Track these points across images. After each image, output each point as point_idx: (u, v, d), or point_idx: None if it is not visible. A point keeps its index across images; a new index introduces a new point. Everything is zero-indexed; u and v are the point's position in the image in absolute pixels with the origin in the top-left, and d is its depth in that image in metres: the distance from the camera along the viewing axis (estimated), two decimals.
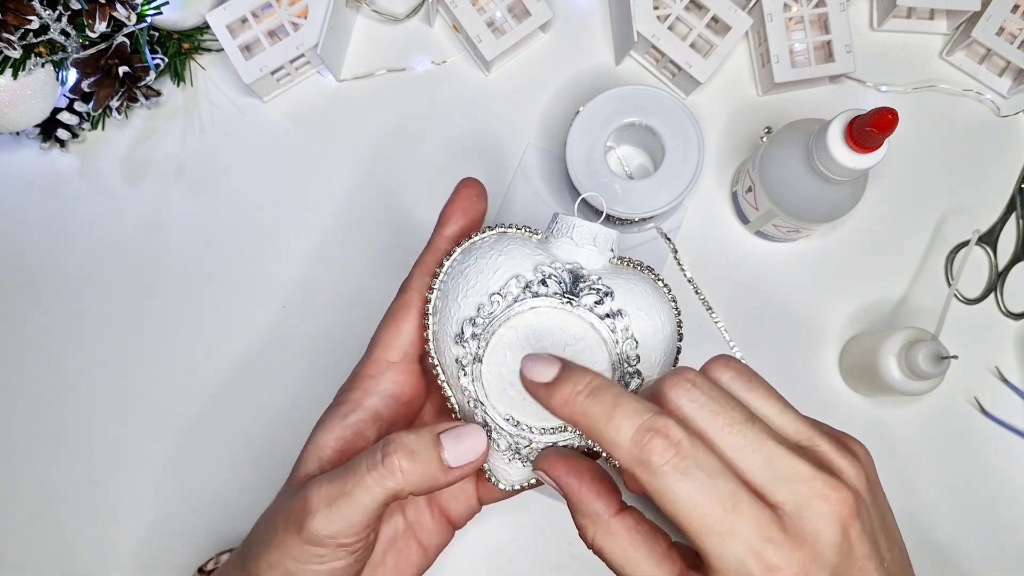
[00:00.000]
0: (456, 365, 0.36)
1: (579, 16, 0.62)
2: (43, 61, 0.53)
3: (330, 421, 0.38)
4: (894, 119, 0.43)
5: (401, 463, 0.33)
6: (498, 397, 0.36)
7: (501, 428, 0.36)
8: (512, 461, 0.37)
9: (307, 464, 0.37)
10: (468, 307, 0.36)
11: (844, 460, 0.29)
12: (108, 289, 0.60)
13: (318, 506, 0.33)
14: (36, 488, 0.58)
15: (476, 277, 0.36)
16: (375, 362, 0.38)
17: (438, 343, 0.37)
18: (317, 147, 0.61)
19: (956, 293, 0.58)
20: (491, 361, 0.36)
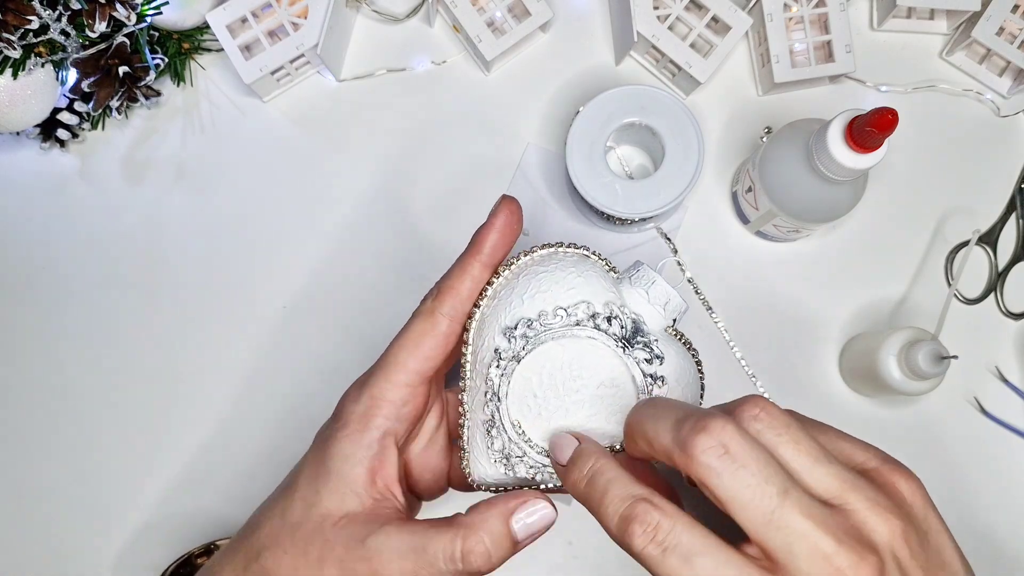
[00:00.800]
0: (492, 354, 0.36)
1: (579, 16, 0.62)
2: (43, 61, 0.53)
3: (356, 452, 0.37)
4: (894, 119, 0.43)
5: (480, 565, 0.34)
6: (516, 401, 0.36)
7: (504, 430, 0.36)
8: (496, 463, 0.37)
9: (345, 501, 0.36)
10: (531, 308, 0.36)
11: (878, 518, 0.29)
12: (108, 289, 0.60)
13: (391, 574, 0.34)
14: (36, 486, 0.58)
15: (550, 285, 0.36)
16: (395, 385, 0.38)
17: (483, 326, 0.37)
18: (317, 147, 0.61)
19: (956, 293, 0.58)
20: (528, 366, 0.36)
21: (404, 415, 0.38)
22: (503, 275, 0.38)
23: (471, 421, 0.38)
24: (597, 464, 0.32)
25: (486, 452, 0.37)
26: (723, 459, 0.28)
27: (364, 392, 0.38)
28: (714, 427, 0.28)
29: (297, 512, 0.37)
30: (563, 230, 0.60)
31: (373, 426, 0.37)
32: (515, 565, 0.57)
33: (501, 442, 0.36)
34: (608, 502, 0.30)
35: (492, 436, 0.37)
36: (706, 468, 0.28)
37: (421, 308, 0.39)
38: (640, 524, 0.28)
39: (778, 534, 0.27)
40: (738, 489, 0.27)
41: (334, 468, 0.37)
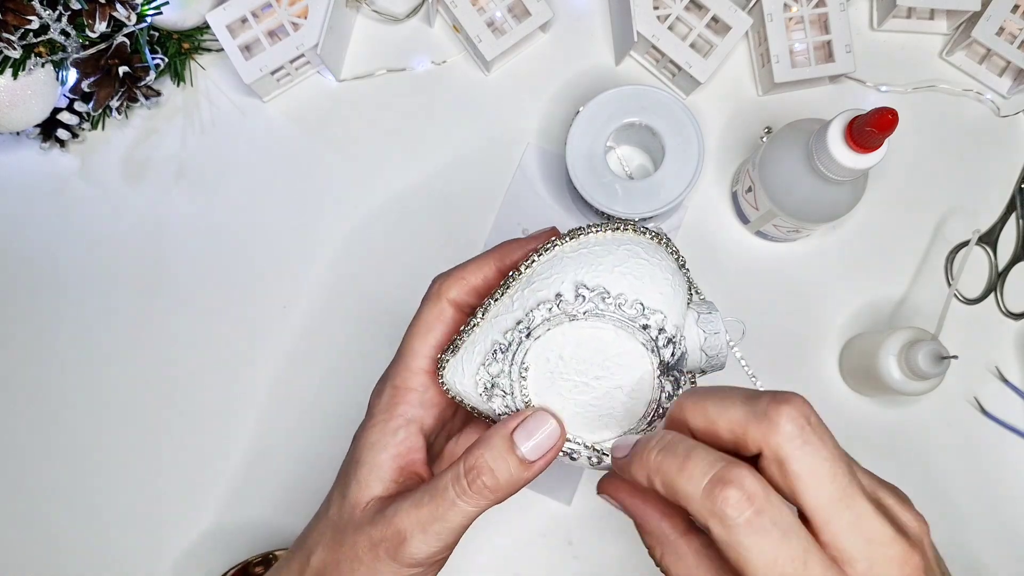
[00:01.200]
0: (551, 297, 0.35)
1: (579, 16, 0.62)
2: (43, 61, 0.53)
3: (381, 439, 0.38)
4: (894, 119, 0.43)
5: (486, 482, 0.34)
6: (541, 350, 0.35)
7: (511, 363, 0.36)
8: (478, 383, 0.37)
9: (370, 486, 0.37)
10: (615, 283, 0.35)
11: (908, 515, 0.29)
12: (108, 288, 0.60)
13: (412, 531, 0.34)
14: (32, 490, 0.58)
15: (644, 276, 0.35)
16: (414, 373, 0.38)
17: (559, 261, 0.36)
18: (317, 147, 0.61)
19: (956, 293, 0.58)
20: (574, 330, 0.35)
21: (427, 400, 0.38)
22: (606, 232, 0.36)
23: (480, 331, 0.37)
24: (671, 435, 0.30)
25: (477, 368, 0.36)
26: (806, 431, 0.27)
27: (387, 384, 0.39)
28: (796, 401, 0.28)
29: (335, 510, 0.38)
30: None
31: (397, 414, 0.38)
32: (516, 564, 0.57)
33: (499, 369, 0.36)
34: (694, 466, 0.28)
35: (495, 359, 0.36)
36: (789, 437, 0.27)
37: (428, 293, 0.39)
38: (737, 489, 0.26)
39: (847, 513, 0.27)
40: (818, 462, 0.27)
41: (362, 458, 0.37)
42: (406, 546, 0.34)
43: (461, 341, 0.37)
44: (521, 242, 0.39)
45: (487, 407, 0.37)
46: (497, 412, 0.37)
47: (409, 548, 0.34)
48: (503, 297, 0.37)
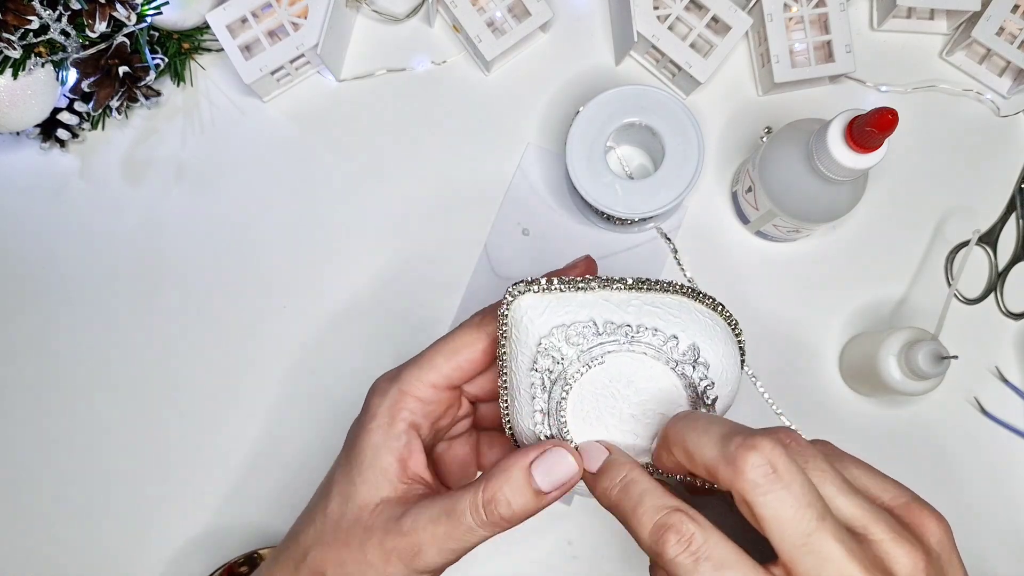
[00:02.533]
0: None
1: (579, 16, 0.62)
2: (43, 61, 0.53)
3: (386, 442, 0.38)
4: (894, 119, 0.43)
5: (503, 514, 0.35)
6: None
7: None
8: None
9: (379, 488, 0.37)
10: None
11: (901, 550, 0.29)
12: (108, 288, 0.60)
13: (428, 546, 0.35)
14: (25, 488, 0.58)
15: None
16: (426, 385, 0.39)
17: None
18: (317, 147, 0.61)
19: (956, 293, 0.58)
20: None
21: (428, 412, 0.39)
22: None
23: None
24: (631, 475, 0.33)
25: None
26: (770, 478, 0.28)
27: (393, 385, 0.39)
28: (764, 446, 0.29)
29: (335, 507, 0.38)
30: (563, 230, 0.60)
31: (400, 418, 0.38)
32: (515, 564, 0.57)
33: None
34: (643, 511, 0.31)
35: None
36: (753, 484, 0.28)
37: (469, 321, 0.40)
38: (675, 533, 0.29)
39: (809, 557, 0.28)
40: (780, 509, 0.28)
41: (366, 460, 0.38)
42: (421, 557, 0.35)
43: (550, 289, 0.36)
44: (561, 270, 0.40)
45: (526, 372, 0.37)
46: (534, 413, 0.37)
47: (424, 559, 0.35)
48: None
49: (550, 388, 0.36)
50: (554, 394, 0.36)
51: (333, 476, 0.39)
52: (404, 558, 0.36)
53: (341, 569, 0.37)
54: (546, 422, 0.37)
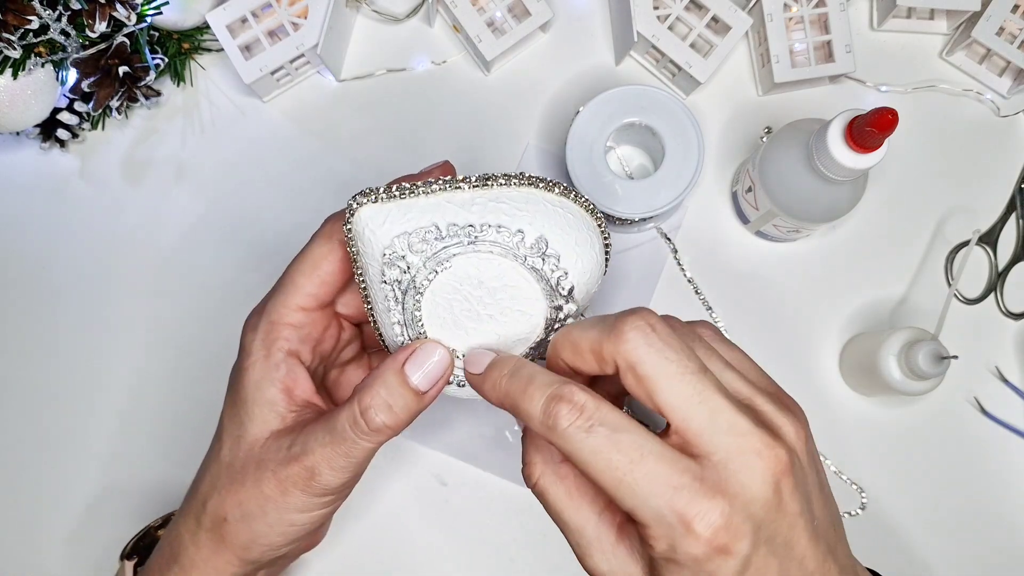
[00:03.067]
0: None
1: (579, 16, 0.62)
2: (43, 61, 0.53)
3: (266, 375, 0.37)
4: (894, 119, 0.43)
5: (385, 421, 0.35)
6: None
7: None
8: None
9: (268, 422, 0.37)
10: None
11: (784, 419, 0.30)
12: (108, 288, 0.60)
13: (321, 466, 0.35)
14: (38, 491, 0.58)
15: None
16: (292, 309, 0.38)
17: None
18: (317, 147, 0.61)
19: (956, 293, 0.58)
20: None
21: (304, 336, 0.38)
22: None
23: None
24: (519, 363, 0.32)
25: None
26: (650, 337, 0.29)
27: (262, 318, 0.38)
28: (641, 311, 0.30)
29: (227, 451, 0.38)
30: None
31: (276, 348, 0.38)
32: (515, 564, 0.57)
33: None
34: (534, 388, 0.30)
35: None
36: (634, 345, 0.29)
37: (320, 231, 0.39)
38: (567, 403, 0.29)
39: (699, 409, 0.28)
40: (664, 365, 0.29)
41: (250, 397, 0.37)
42: (316, 479, 0.35)
43: (389, 197, 0.35)
44: (416, 175, 0.39)
45: (378, 285, 0.36)
46: (381, 305, 0.36)
47: (320, 481, 0.35)
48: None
49: (403, 299, 0.35)
50: (407, 304, 0.35)
51: (222, 421, 0.39)
52: (299, 484, 0.35)
53: (240, 509, 0.36)
54: (405, 333, 0.36)
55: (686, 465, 0.28)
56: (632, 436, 0.28)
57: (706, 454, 0.28)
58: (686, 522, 0.27)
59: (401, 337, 0.36)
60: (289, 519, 0.36)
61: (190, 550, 0.38)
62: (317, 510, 0.37)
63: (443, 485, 0.58)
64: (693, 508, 0.27)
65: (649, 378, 0.29)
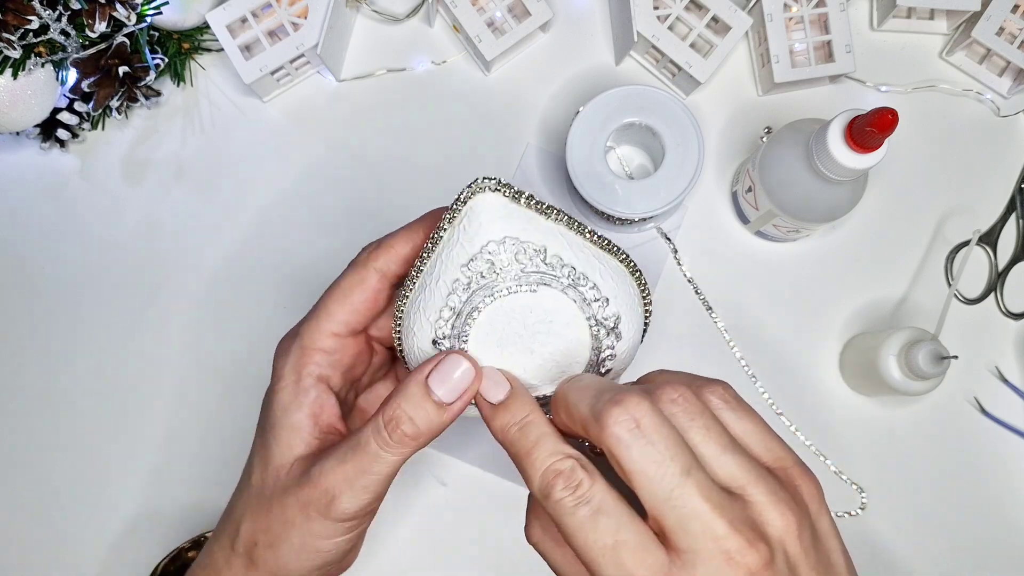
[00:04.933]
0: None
1: (579, 16, 0.62)
2: (43, 61, 0.53)
3: (295, 400, 0.38)
4: (894, 119, 0.43)
5: (406, 431, 0.34)
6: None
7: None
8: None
9: (292, 447, 0.37)
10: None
11: (775, 511, 0.29)
12: (108, 289, 0.60)
13: (341, 489, 0.35)
14: (36, 487, 0.58)
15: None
16: (324, 335, 0.38)
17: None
18: (317, 147, 0.61)
19: (956, 293, 0.58)
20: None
21: (336, 363, 0.39)
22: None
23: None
24: (531, 416, 0.32)
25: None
26: (633, 432, 0.29)
27: (295, 343, 0.39)
28: (629, 402, 0.29)
29: (257, 475, 0.38)
30: None
31: (306, 373, 0.38)
32: (516, 565, 0.57)
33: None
34: (538, 454, 0.31)
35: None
36: (616, 439, 0.29)
37: (355, 260, 0.39)
38: (564, 479, 0.30)
39: (674, 512, 0.28)
40: (644, 463, 0.28)
41: (278, 421, 0.38)
42: (336, 503, 0.35)
43: (517, 197, 0.35)
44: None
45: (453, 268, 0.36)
46: None
47: (340, 505, 0.35)
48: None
49: (472, 292, 0.35)
50: (474, 299, 0.35)
51: (253, 446, 0.39)
52: (320, 508, 0.35)
53: (267, 535, 0.36)
54: (451, 322, 0.35)
55: (655, 559, 0.28)
56: (611, 521, 0.29)
57: (678, 550, 0.28)
58: None
59: (442, 322, 0.35)
60: (314, 545, 0.36)
61: (224, 573, 0.38)
62: (340, 535, 0.36)
63: (443, 485, 0.58)
64: None
65: (626, 474, 0.29)
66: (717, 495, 0.29)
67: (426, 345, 0.36)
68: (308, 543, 0.36)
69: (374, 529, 0.57)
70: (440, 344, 0.36)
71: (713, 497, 0.28)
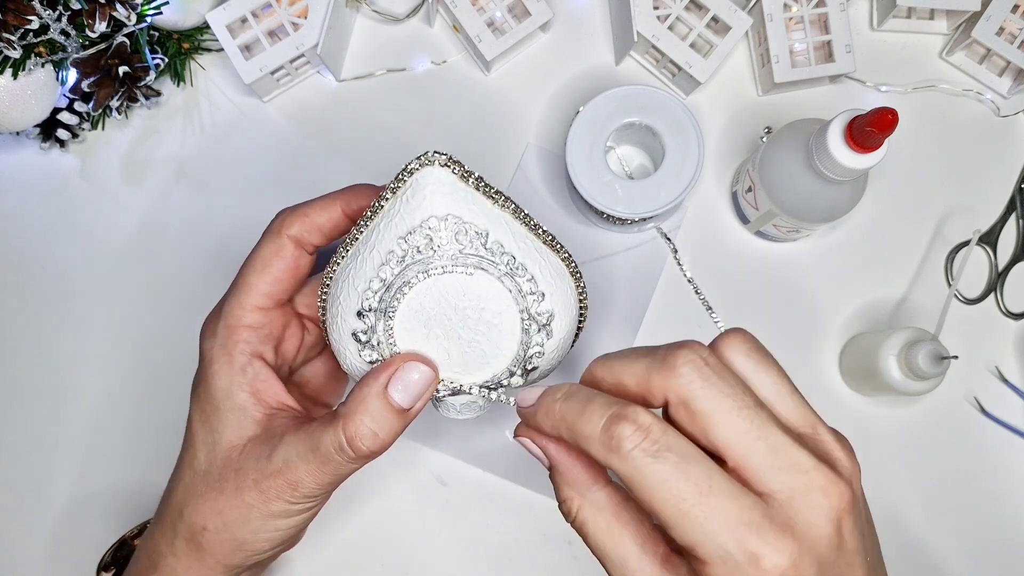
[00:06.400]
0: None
1: (579, 16, 0.62)
2: (43, 61, 0.53)
3: (232, 381, 0.37)
4: (894, 119, 0.43)
5: (371, 447, 0.35)
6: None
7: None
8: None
9: (244, 428, 0.37)
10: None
11: (843, 453, 0.29)
12: (107, 288, 0.60)
13: (305, 477, 0.35)
14: (39, 487, 0.58)
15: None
16: (248, 310, 0.38)
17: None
18: (317, 147, 0.61)
19: (956, 293, 0.58)
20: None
21: (265, 336, 0.38)
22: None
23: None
24: (573, 386, 0.30)
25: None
26: (704, 370, 0.28)
27: (219, 323, 0.38)
28: (692, 344, 0.28)
29: (202, 458, 0.37)
30: (563, 230, 0.60)
31: (237, 352, 0.37)
32: (516, 565, 0.57)
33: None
34: (593, 408, 0.28)
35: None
36: (688, 379, 0.28)
37: (270, 227, 0.39)
38: (632, 423, 0.27)
39: (760, 443, 0.27)
40: (720, 399, 0.27)
41: (221, 404, 0.37)
42: (300, 489, 0.36)
43: (466, 177, 0.34)
44: (371, 188, 0.39)
45: (359, 360, 0.36)
46: (368, 361, 0.36)
47: (303, 490, 0.36)
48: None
49: (406, 265, 0.34)
50: (407, 273, 0.34)
51: (191, 430, 0.38)
52: (284, 494, 0.35)
53: (221, 518, 0.36)
54: (378, 295, 0.34)
55: (754, 502, 0.27)
56: (701, 467, 0.27)
57: (769, 492, 0.27)
58: (755, 561, 0.26)
59: (369, 293, 0.34)
60: (273, 525, 0.36)
61: (169, 559, 0.38)
62: (300, 515, 0.37)
63: (443, 485, 0.58)
64: (763, 548, 0.26)
65: (704, 414, 0.27)
66: (791, 432, 0.28)
67: (350, 317, 0.35)
68: (268, 523, 0.36)
69: (374, 529, 0.57)
70: (365, 317, 0.35)
71: (790, 431, 0.28)
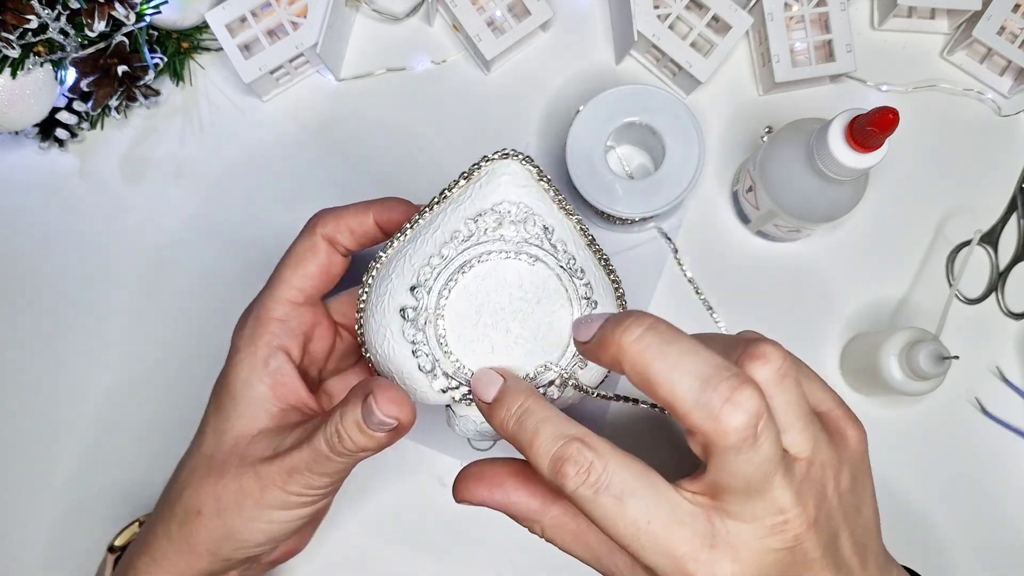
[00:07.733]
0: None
1: (579, 15, 0.62)
2: (42, 60, 0.53)
3: (253, 372, 0.38)
4: (895, 119, 0.43)
5: (358, 440, 0.34)
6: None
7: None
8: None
9: (256, 418, 0.37)
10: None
11: (852, 428, 0.34)
12: (107, 288, 0.60)
13: (301, 470, 0.35)
14: (40, 487, 0.58)
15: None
16: (278, 302, 0.38)
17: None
18: (317, 147, 0.61)
19: (957, 293, 0.58)
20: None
21: (292, 331, 0.38)
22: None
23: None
24: (526, 403, 0.31)
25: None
26: (748, 441, 0.27)
27: (250, 316, 0.39)
28: (749, 405, 0.27)
29: (210, 443, 0.38)
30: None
31: (262, 344, 0.38)
32: (516, 565, 0.57)
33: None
34: (540, 443, 0.29)
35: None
36: (734, 449, 0.27)
37: (305, 226, 0.40)
38: (573, 465, 0.28)
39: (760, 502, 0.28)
40: (747, 468, 0.28)
41: (237, 393, 0.37)
42: (296, 476, 0.36)
43: (539, 176, 0.35)
44: (405, 203, 0.39)
45: (398, 341, 0.35)
46: (409, 340, 0.35)
47: (299, 479, 0.36)
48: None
49: (471, 245, 0.34)
50: (468, 253, 0.34)
51: (205, 416, 0.39)
52: (279, 481, 0.35)
53: (216, 503, 0.36)
54: (436, 271, 0.34)
55: (696, 527, 0.28)
56: (641, 501, 0.28)
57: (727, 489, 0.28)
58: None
59: (427, 268, 0.35)
60: (267, 515, 0.36)
61: (162, 541, 0.38)
62: (295, 509, 0.36)
63: (443, 485, 0.58)
64: (701, 572, 0.27)
65: (728, 472, 0.28)
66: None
67: (400, 293, 0.35)
68: (261, 513, 0.36)
69: (374, 528, 0.57)
70: (418, 291, 0.35)
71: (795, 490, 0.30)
